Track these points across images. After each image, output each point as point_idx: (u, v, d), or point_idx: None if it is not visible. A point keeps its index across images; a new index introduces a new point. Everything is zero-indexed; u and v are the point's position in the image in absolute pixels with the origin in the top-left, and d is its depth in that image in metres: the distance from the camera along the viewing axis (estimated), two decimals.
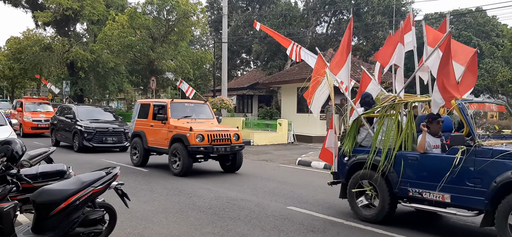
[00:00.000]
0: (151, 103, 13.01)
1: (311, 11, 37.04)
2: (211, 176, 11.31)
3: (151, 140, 12.44)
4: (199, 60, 29.77)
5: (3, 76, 50.43)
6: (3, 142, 4.81)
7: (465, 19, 32.12)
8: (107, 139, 16.60)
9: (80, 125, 16.53)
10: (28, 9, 35.46)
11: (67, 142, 17.67)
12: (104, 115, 18.52)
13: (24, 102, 24.49)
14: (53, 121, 19.05)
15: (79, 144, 16.28)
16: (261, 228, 6.58)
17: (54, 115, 19.55)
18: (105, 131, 16.67)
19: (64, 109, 18.92)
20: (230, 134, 11.51)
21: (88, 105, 23.38)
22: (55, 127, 18.70)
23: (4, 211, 4.22)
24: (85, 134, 16.25)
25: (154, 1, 26.74)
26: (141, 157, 12.74)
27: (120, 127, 17.09)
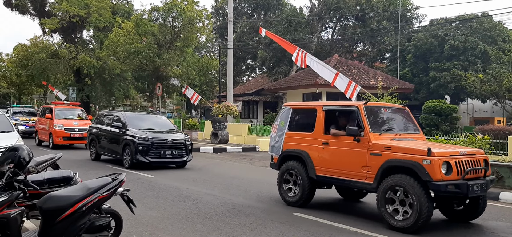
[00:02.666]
0: (318, 106, 8.63)
1: (316, 17, 37.08)
2: (216, 183, 11.30)
3: (324, 167, 8.12)
4: (204, 66, 29.82)
5: (11, 82, 50.87)
6: (10, 149, 4.84)
7: (471, 24, 32.00)
8: (165, 153, 13.59)
9: (133, 136, 13.60)
10: (35, 17, 35.72)
11: (112, 155, 14.82)
12: (158, 122, 15.42)
13: (54, 109, 21.32)
14: (92, 130, 16.22)
15: (132, 159, 13.41)
16: (267, 235, 6.56)
17: (92, 124, 16.90)
18: (164, 143, 13.64)
19: (106, 116, 16.09)
20: (479, 159, 7.21)
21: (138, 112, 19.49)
22: (95, 137, 15.79)
23: (11, 217, 4.25)
24: (139, 147, 13.31)
25: (160, 8, 26.85)
26: (304, 193, 8.37)
27: (180, 138, 14.06)
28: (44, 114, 21.86)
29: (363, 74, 27.45)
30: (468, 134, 13.08)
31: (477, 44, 30.20)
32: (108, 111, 18.98)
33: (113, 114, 15.71)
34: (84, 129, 19.70)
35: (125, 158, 13.83)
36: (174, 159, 13.83)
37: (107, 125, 15.33)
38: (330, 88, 21.28)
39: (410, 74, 32.57)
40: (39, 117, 22.81)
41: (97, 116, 17.38)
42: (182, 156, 13.90)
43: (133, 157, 13.35)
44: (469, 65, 30.28)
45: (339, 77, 18.12)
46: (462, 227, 7.34)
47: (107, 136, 15.10)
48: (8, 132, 10.44)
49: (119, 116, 14.94)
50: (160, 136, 13.84)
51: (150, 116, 17.02)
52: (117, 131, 14.38)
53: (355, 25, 37.34)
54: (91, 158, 15.92)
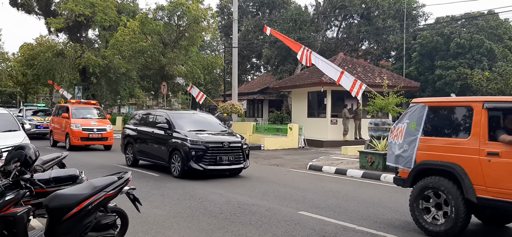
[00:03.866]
0: (474, 103, 6.39)
1: (322, 15, 37.01)
2: (222, 181, 11.31)
3: (491, 186, 6.00)
4: (209, 65, 29.86)
5: (17, 82, 51.14)
6: (16, 147, 4.87)
7: (477, 22, 31.86)
8: (222, 159, 11.53)
9: (183, 138, 11.62)
10: (41, 16, 35.86)
11: (155, 161, 12.97)
12: (206, 122, 13.29)
13: (70, 107, 20.03)
14: (128, 132, 14.28)
15: (183, 166, 11.44)
16: (272, 233, 6.56)
17: (127, 125, 14.81)
18: (220, 147, 11.60)
19: (146, 116, 14.21)
20: None
21: (181, 110, 17.33)
22: (131, 141, 13.91)
23: (18, 215, 4.27)
24: (192, 152, 11.29)
25: (165, 7, 26.92)
26: (458, 220, 6.29)
27: (237, 141, 12.01)
28: (59, 113, 20.80)
29: (368, 72, 27.34)
30: None
31: (483, 42, 30.05)
32: (146, 110, 16.82)
33: (155, 113, 13.80)
34: (102, 129, 19.15)
35: (173, 164, 11.81)
36: (231, 165, 11.77)
37: (147, 125, 13.46)
38: (336, 86, 21.23)
39: (415, 72, 32.46)
40: (53, 116, 21.78)
41: (132, 116, 15.38)
42: (239, 162, 11.86)
43: (185, 164, 11.34)
44: (475, 63, 30.14)
45: (345, 75, 18.10)
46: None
47: (148, 139, 13.19)
48: (14, 131, 10.49)
49: (164, 116, 12.87)
50: (214, 138, 11.82)
51: (195, 114, 14.68)
52: (162, 133, 12.40)
53: (360, 23, 37.22)
54: (127, 163, 14.02)
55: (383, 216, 7.80)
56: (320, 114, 24.69)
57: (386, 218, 7.69)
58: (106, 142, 19.52)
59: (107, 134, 19.38)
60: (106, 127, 19.50)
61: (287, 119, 26.52)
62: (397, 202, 9.04)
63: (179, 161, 11.62)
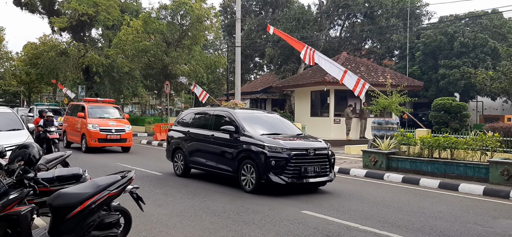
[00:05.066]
0: None
1: (325, 14, 36.95)
2: (224, 180, 11.31)
3: None
4: (212, 64, 29.87)
5: (20, 81, 51.29)
6: (20, 146, 4.88)
7: (481, 21, 31.74)
8: (307, 170, 9.48)
9: (258, 144, 9.61)
10: (45, 15, 35.93)
11: (216, 171, 10.81)
12: (278, 124, 11.25)
13: (86, 106, 18.93)
14: (176, 135, 12.34)
15: (259, 178, 9.44)
16: (276, 233, 6.56)
17: (175, 126, 12.80)
18: (304, 155, 9.56)
19: (201, 115, 12.09)
20: None
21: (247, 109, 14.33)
22: (182, 145, 11.88)
23: (22, 214, 4.28)
24: (272, 161, 9.28)
25: (168, 6, 26.93)
26: None
27: (323, 147, 9.99)
28: (73, 112, 19.64)
29: (371, 71, 27.30)
30: (478, 132, 12.97)
31: (487, 41, 29.95)
32: (199, 108, 14.16)
33: (214, 112, 11.63)
34: (121, 129, 18.22)
35: (244, 176, 9.80)
36: (317, 178, 9.72)
37: (204, 128, 11.43)
38: (339, 85, 21.21)
39: (419, 71, 32.37)
40: (67, 115, 20.69)
41: (181, 115, 13.19)
42: (325, 173, 9.86)
43: (261, 176, 9.39)
44: (479, 62, 30.04)
45: (348, 74, 18.07)
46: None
47: (205, 144, 11.15)
48: (18, 130, 10.54)
49: (228, 116, 10.85)
50: (296, 144, 9.83)
51: (263, 114, 12.53)
52: (226, 138, 10.40)
53: (363, 23, 37.15)
54: (176, 172, 12.05)
55: (386, 216, 7.78)
56: (323, 114, 24.67)
57: (390, 217, 7.68)
58: (125, 144, 18.46)
59: (126, 135, 18.36)
60: (125, 127, 18.49)
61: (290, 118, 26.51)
62: (401, 201, 9.02)
63: (252, 172, 9.57)
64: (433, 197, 9.70)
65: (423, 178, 11.56)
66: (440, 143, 12.38)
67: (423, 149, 12.93)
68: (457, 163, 11.74)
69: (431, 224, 7.23)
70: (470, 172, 11.41)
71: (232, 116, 10.72)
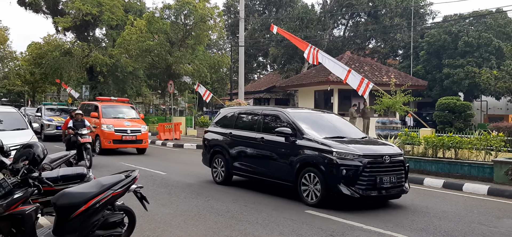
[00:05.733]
0: None
1: (328, 13, 36.91)
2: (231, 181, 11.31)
3: None
4: (216, 64, 29.89)
5: (25, 81, 51.53)
6: (25, 146, 4.90)
7: (485, 20, 31.62)
8: (382, 181, 8.10)
9: (324, 149, 8.26)
10: (49, 15, 36.04)
11: (268, 179, 9.47)
12: (339, 124, 9.85)
13: (100, 106, 18.13)
14: (215, 137, 11.01)
15: (325, 190, 8.11)
16: (279, 232, 6.55)
17: (213, 127, 11.43)
18: (379, 162, 8.21)
19: (248, 114, 10.71)
20: None
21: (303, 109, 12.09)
22: (223, 149, 10.58)
23: (26, 213, 4.29)
24: (342, 170, 7.94)
25: (172, 6, 26.96)
26: None
27: (398, 153, 8.59)
28: (86, 112, 18.38)
29: (375, 71, 27.26)
30: (483, 131, 12.93)
31: (491, 41, 29.83)
32: (245, 107, 12.80)
33: (262, 112, 10.20)
34: (137, 130, 17.34)
35: (305, 187, 8.46)
36: (394, 187, 8.33)
37: (250, 129, 10.11)
38: (343, 85, 21.18)
39: (423, 71, 32.29)
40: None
41: (220, 114, 11.78)
42: (401, 184, 8.47)
43: (329, 187, 8.08)
44: (483, 62, 29.93)
45: (352, 74, 18.03)
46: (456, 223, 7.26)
47: (253, 147, 9.80)
48: (22, 129, 10.57)
49: (282, 116, 9.49)
50: (369, 149, 8.39)
51: (320, 114, 10.79)
52: (281, 141, 9.04)
53: (367, 22, 37.11)
54: (215, 179, 10.77)
55: (390, 215, 7.77)
56: None
57: (393, 217, 7.66)
58: (141, 145, 17.61)
59: (142, 136, 17.48)
60: (141, 128, 17.61)
61: None
62: (405, 201, 8.99)
63: (315, 182, 8.26)
64: (437, 197, 9.67)
65: (427, 177, 11.53)
66: (444, 143, 12.35)
67: (427, 148, 12.90)
68: (461, 163, 11.71)
69: (435, 224, 7.21)
70: (475, 171, 11.38)
71: (287, 116, 9.37)
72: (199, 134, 26.16)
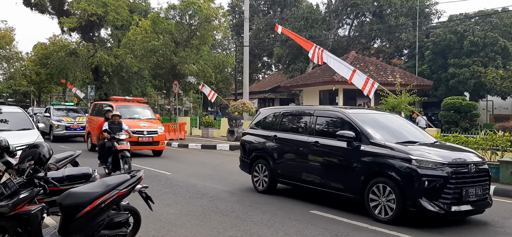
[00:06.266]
0: None
1: (333, 13, 36.85)
2: (233, 180, 11.32)
3: None
4: (220, 64, 29.93)
5: (31, 81, 51.79)
6: (30, 146, 4.91)
7: (491, 20, 31.44)
8: (468, 193, 6.99)
9: (399, 156, 7.09)
10: (54, 16, 36.21)
11: (325, 190, 8.30)
12: (405, 126, 8.70)
13: (114, 106, 16.96)
14: (256, 141, 9.99)
15: (402, 205, 6.96)
16: (284, 232, 6.55)
17: (252, 129, 10.36)
18: (464, 172, 7.07)
19: (296, 115, 9.55)
20: None
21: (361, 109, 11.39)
22: (266, 154, 9.55)
23: (32, 213, 4.31)
24: (424, 181, 6.82)
25: (177, 6, 27.01)
26: None
27: (482, 162, 7.49)
28: (100, 112, 17.70)
29: (380, 70, 27.20)
30: (488, 131, 12.86)
31: (497, 40, 29.67)
32: (292, 107, 11.64)
33: (314, 112, 8.99)
34: (153, 131, 16.36)
35: (375, 200, 7.30)
36: (478, 203, 7.17)
37: (300, 131, 9.01)
38: (347, 85, 21.14)
39: (428, 70, 32.16)
40: (91, 116, 19.11)
41: (261, 114, 10.57)
42: (486, 196, 7.34)
43: (407, 200, 6.91)
44: (489, 61, 29.78)
45: (357, 74, 18.01)
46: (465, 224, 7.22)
47: (304, 152, 8.67)
48: (28, 129, 10.62)
49: (344, 117, 8.23)
50: (451, 156, 7.21)
51: (382, 114, 9.32)
52: (341, 146, 7.91)
53: (372, 21, 37.02)
54: (257, 188, 9.71)
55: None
56: None
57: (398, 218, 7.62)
58: (158, 147, 16.67)
59: (159, 138, 16.56)
60: (157, 129, 16.69)
61: None
62: None
63: (388, 194, 7.11)
64: None
65: None
66: None
67: None
68: None
69: (442, 224, 7.17)
70: None
71: (348, 117, 8.14)
72: (203, 134, 26.18)
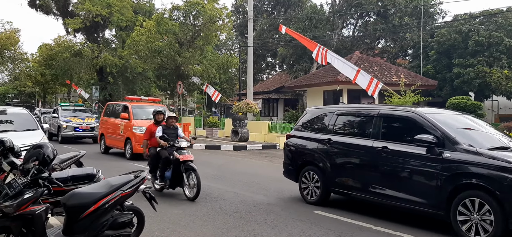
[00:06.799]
0: None
1: (337, 13, 36.80)
2: (237, 180, 11.32)
3: None
4: (224, 64, 29.94)
5: (36, 82, 52.01)
6: (35, 146, 4.94)
7: (496, 19, 31.29)
8: None
9: (502, 166, 5.94)
10: (59, 17, 36.37)
11: (387, 201, 7.32)
12: (484, 129, 7.40)
13: (130, 106, 16.46)
14: (303, 143, 8.88)
15: (504, 223, 5.83)
16: (288, 233, 6.54)
17: (297, 130, 9.31)
18: None
19: (355, 116, 8.35)
20: None
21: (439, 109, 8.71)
22: (314, 156, 8.52)
23: (36, 213, 4.33)
24: None
25: (181, 7, 27.05)
26: None
27: None
28: (113, 113, 17.40)
29: (385, 70, 27.13)
30: None
31: (503, 40, 29.53)
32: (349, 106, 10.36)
33: (386, 112, 7.71)
34: None
35: (466, 218, 6.20)
36: None
37: (361, 135, 7.80)
38: (352, 85, 21.11)
39: (433, 70, 32.04)
40: (105, 117, 18.35)
41: (309, 114, 9.34)
42: None
43: (509, 220, 5.80)
44: (494, 61, 29.63)
45: (361, 74, 17.97)
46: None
47: (371, 160, 7.44)
48: (33, 130, 10.68)
49: (420, 118, 7.04)
50: None
51: (455, 115, 7.86)
52: (420, 153, 6.74)
53: (376, 21, 36.92)
54: (307, 198, 8.63)
55: (399, 216, 7.71)
56: None
57: (402, 218, 7.60)
58: None
59: None
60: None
61: None
62: None
63: (484, 212, 6.00)
64: None
65: None
66: None
67: None
68: None
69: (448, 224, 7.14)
70: None
71: (424, 119, 6.97)
72: (207, 134, 26.21)
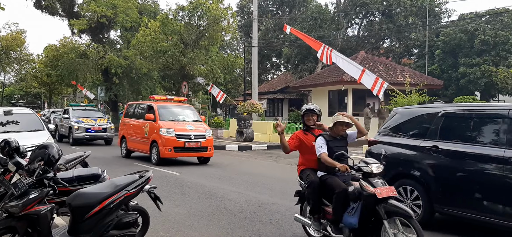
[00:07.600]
0: None
1: (342, 13, 36.73)
2: (242, 180, 11.32)
3: None
4: (229, 65, 29.94)
5: (41, 82, 52.24)
6: (40, 147, 4.95)
7: (501, 18, 31.15)
8: None
9: None
10: (65, 18, 36.45)
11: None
12: None
13: (156, 107, 15.23)
14: (398, 150, 7.01)
15: None
16: (293, 233, 6.53)
17: (383, 135, 7.64)
18: None
19: (472, 116, 6.43)
20: None
21: None
22: (412, 167, 6.78)
23: (42, 213, 4.34)
24: None
25: (186, 7, 27.09)
26: None
27: None
28: (136, 113, 16.41)
29: (390, 70, 27.05)
30: None
31: (508, 39, 29.40)
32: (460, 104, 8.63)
33: None
34: (201, 135, 14.50)
35: None
36: None
37: (487, 143, 6.04)
38: (357, 85, 21.05)
39: (438, 70, 31.95)
40: (126, 117, 17.17)
41: (400, 115, 7.54)
42: None
43: None
44: (500, 60, 29.51)
45: (366, 73, 17.93)
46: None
47: (502, 173, 5.72)
48: (38, 130, 10.74)
49: None
50: None
51: None
52: None
53: (381, 21, 36.83)
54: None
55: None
56: None
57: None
58: (205, 153, 14.71)
59: (207, 143, 14.59)
60: (205, 133, 14.77)
61: None
62: None
63: None
64: None
65: None
66: None
67: None
68: None
69: (451, 224, 7.11)
70: None
71: None
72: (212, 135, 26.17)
